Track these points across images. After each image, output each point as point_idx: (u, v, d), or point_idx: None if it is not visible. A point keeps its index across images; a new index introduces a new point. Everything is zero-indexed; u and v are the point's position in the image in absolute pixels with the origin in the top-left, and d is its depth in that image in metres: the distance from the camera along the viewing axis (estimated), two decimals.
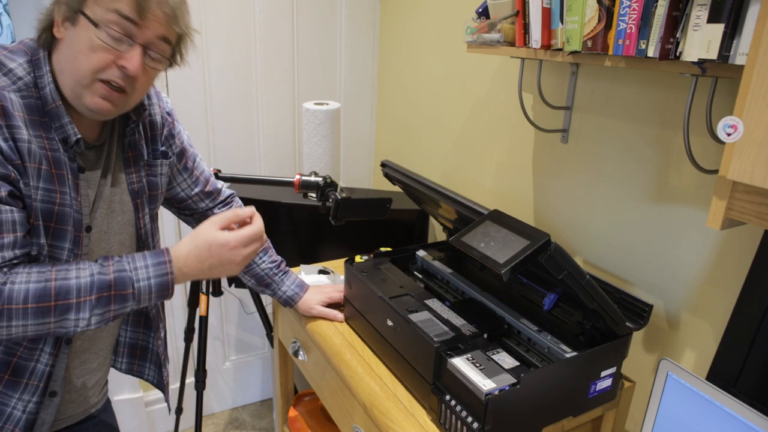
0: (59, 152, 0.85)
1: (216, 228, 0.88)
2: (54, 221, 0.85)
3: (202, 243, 0.87)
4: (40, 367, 0.91)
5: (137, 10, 0.79)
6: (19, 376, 0.90)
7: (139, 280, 0.84)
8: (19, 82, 0.81)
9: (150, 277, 0.84)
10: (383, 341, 1.12)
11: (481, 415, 0.86)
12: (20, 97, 0.81)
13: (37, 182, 0.82)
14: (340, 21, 2.07)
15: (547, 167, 1.42)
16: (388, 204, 1.49)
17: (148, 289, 0.85)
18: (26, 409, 0.91)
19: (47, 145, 0.83)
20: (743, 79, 0.67)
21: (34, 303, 0.77)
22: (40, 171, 0.82)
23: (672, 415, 0.95)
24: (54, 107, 0.84)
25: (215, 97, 1.93)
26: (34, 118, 0.82)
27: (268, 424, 2.29)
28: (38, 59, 0.83)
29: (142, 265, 0.85)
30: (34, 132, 0.82)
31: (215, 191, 1.20)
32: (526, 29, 1.13)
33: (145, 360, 1.17)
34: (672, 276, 1.14)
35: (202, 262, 0.88)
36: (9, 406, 0.90)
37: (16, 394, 0.90)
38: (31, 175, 0.82)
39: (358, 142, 2.27)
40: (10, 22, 1.74)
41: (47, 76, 0.83)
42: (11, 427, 0.91)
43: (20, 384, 0.90)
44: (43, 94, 0.83)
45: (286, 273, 1.29)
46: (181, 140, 1.09)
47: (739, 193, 0.72)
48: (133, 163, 0.98)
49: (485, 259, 0.87)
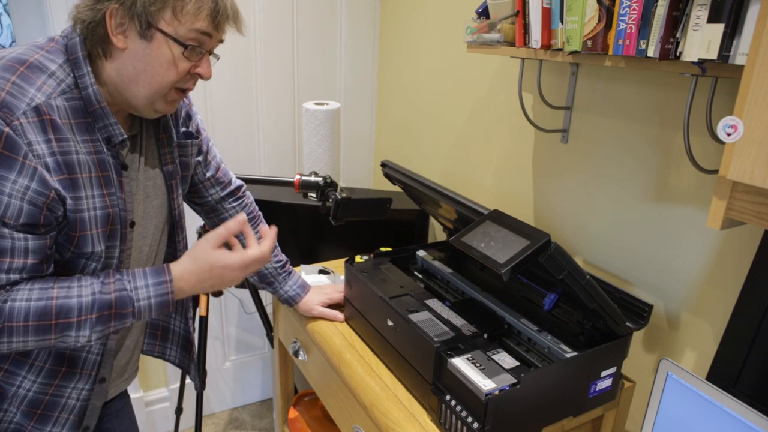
0: (104, 153, 0.86)
1: (213, 247, 0.88)
2: (110, 224, 0.88)
3: (204, 264, 0.88)
4: (92, 357, 0.95)
5: (214, 26, 0.85)
6: (74, 367, 0.94)
7: (140, 299, 0.85)
8: (63, 84, 0.81)
9: (150, 296, 0.85)
10: (383, 341, 1.12)
11: (481, 415, 0.86)
12: (65, 100, 0.81)
13: (91, 191, 0.84)
14: (340, 21, 2.07)
15: (547, 167, 1.42)
16: (388, 204, 1.49)
17: (148, 308, 0.86)
18: (80, 397, 0.96)
19: (93, 148, 0.84)
20: (743, 79, 0.67)
21: (34, 321, 0.79)
22: (91, 179, 0.84)
23: (672, 415, 0.95)
24: (98, 108, 0.84)
25: (215, 97, 1.93)
26: (78, 120, 0.82)
27: (268, 424, 2.29)
28: (77, 58, 0.82)
29: (142, 284, 0.85)
30: (80, 137, 0.83)
31: (226, 179, 1.20)
32: (526, 29, 1.13)
33: (167, 341, 1.19)
34: (672, 276, 1.14)
35: (203, 282, 0.89)
36: (65, 396, 0.94)
37: (71, 384, 0.94)
38: (84, 186, 0.83)
39: (358, 142, 2.27)
40: (10, 22, 1.74)
41: (89, 77, 0.82)
42: (66, 415, 0.95)
43: (75, 374, 0.94)
44: (86, 95, 0.83)
45: (289, 273, 1.29)
46: (196, 122, 1.10)
47: (739, 193, 0.72)
48: (166, 144, 1.00)
49: (485, 259, 0.87)
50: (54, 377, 0.92)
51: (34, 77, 0.78)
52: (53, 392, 0.93)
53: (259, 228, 1.04)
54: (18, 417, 0.92)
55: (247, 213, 1.23)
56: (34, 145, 0.76)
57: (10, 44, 1.91)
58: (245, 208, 1.23)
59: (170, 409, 2.19)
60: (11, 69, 0.77)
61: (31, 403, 0.92)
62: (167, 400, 2.18)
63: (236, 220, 0.90)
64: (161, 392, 2.17)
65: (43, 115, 0.77)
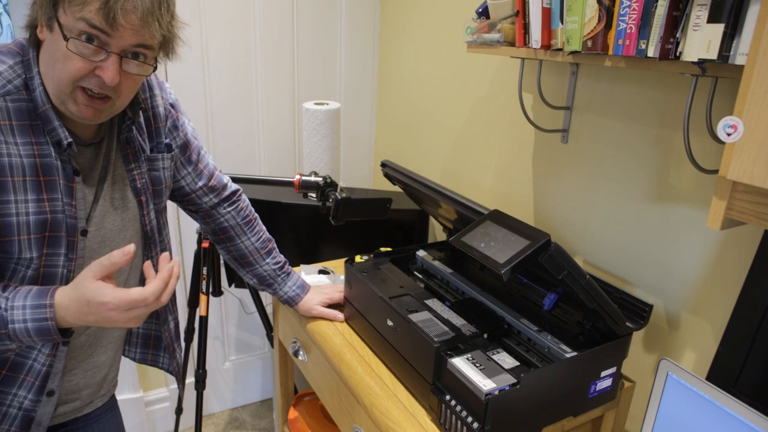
0: (51, 157, 0.82)
1: (92, 278, 0.78)
2: (48, 230, 0.83)
3: (81, 296, 0.78)
4: (37, 366, 0.90)
5: (106, 20, 0.74)
6: (16, 372, 0.89)
7: (14, 321, 0.78)
8: (9, 86, 0.79)
9: (27, 320, 0.78)
10: (383, 341, 1.12)
11: (481, 415, 0.86)
12: (10, 101, 0.79)
13: (24, 195, 0.80)
14: (340, 21, 2.07)
15: (547, 167, 1.42)
16: (388, 204, 1.49)
17: (25, 331, 0.78)
18: (22, 406, 0.90)
19: (36, 151, 0.81)
20: (743, 79, 0.67)
21: None
22: (25, 183, 0.80)
23: (672, 415, 0.95)
24: (45, 110, 0.81)
25: (215, 97, 1.93)
26: (23, 122, 0.80)
27: (268, 424, 2.29)
28: (28, 59, 0.81)
29: (20, 305, 0.78)
30: (21, 139, 0.80)
31: (220, 186, 1.18)
32: (526, 29, 1.13)
33: (159, 349, 1.18)
34: (672, 276, 1.14)
35: (84, 315, 0.79)
36: (5, 405, 0.90)
37: (12, 389, 0.89)
38: (13, 189, 0.79)
39: (358, 142, 2.27)
40: (10, 22, 1.74)
41: (37, 78, 0.81)
42: (6, 426, 0.90)
43: (17, 379, 0.89)
44: (34, 97, 0.81)
45: (289, 274, 1.29)
46: (185, 132, 1.07)
47: (739, 193, 0.72)
48: (133, 160, 0.95)
49: (485, 259, 0.87)
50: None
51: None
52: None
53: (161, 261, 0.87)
54: None
55: (243, 217, 1.21)
56: None
57: None
58: (240, 213, 1.21)
59: (170, 409, 2.19)
60: None
61: None
62: (167, 400, 2.18)
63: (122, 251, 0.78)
64: (161, 392, 2.17)
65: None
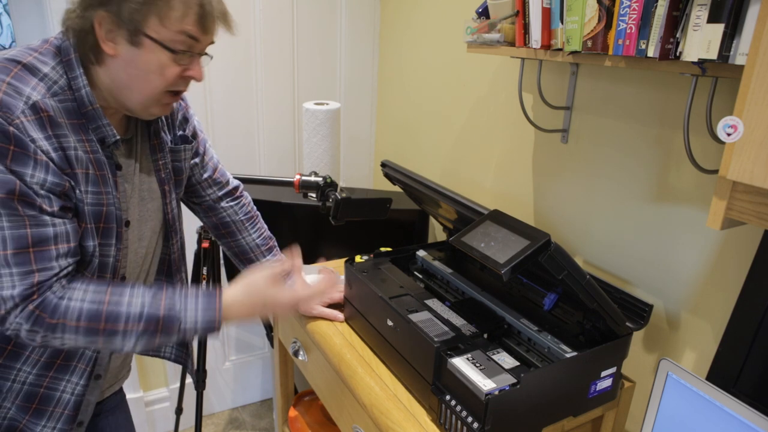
0: (99, 153, 0.87)
1: (270, 283, 0.92)
2: (102, 221, 0.89)
3: (257, 299, 0.91)
4: (88, 353, 0.97)
5: (202, 29, 0.84)
6: (69, 360, 0.96)
7: (187, 321, 0.86)
8: (55, 86, 0.82)
9: (197, 321, 0.87)
10: (383, 341, 1.12)
11: (481, 415, 0.86)
12: (58, 102, 0.82)
13: (86, 187, 0.86)
14: (340, 21, 2.07)
15: (547, 167, 1.42)
16: (388, 204, 1.49)
17: (193, 330, 0.88)
18: (74, 392, 0.97)
19: (89, 148, 0.86)
20: (743, 79, 0.67)
21: (85, 322, 0.81)
22: (87, 175, 0.86)
23: (672, 415, 0.95)
24: (91, 109, 0.85)
25: (215, 97, 1.93)
26: (73, 121, 0.84)
27: (268, 424, 2.29)
28: (70, 60, 0.84)
29: (192, 307, 0.87)
30: (76, 136, 0.84)
31: (224, 180, 1.22)
32: (526, 29, 1.13)
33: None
34: (672, 276, 1.14)
35: (252, 311, 0.92)
36: (59, 390, 0.96)
37: (66, 376, 0.96)
38: (81, 181, 0.85)
39: (358, 142, 2.27)
40: (10, 22, 1.74)
41: (81, 79, 0.84)
42: (61, 409, 0.96)
43: (70, 366, 0.96)
44: (78, 96, 0.84)
45: (274, 255, 1.31)
46: (193, 125, 1.11)
47: (739, 193, 0.72)
48: (159, 150, 1.01)
49: (485, 259, 0.87)
50: (49, 369, 0.94)
51: (28, 78, 0.80)
52: (48, 385, 0.94)
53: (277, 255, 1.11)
54: (13, 412, 0.94)
55: (245, 213, 1.24)
56: (38, 142, 0.78)
57: (10, 44, 1.91)
58: (242, 208, 1.24)
59: (170, 409, 2.19)
60: (5, 70, 0.78)
61: (26, 398, 0.93)
62: (167, 400, 2.18)
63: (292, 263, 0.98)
64: (161, 392, 2.17)
65: (40, 112, 0.79)
